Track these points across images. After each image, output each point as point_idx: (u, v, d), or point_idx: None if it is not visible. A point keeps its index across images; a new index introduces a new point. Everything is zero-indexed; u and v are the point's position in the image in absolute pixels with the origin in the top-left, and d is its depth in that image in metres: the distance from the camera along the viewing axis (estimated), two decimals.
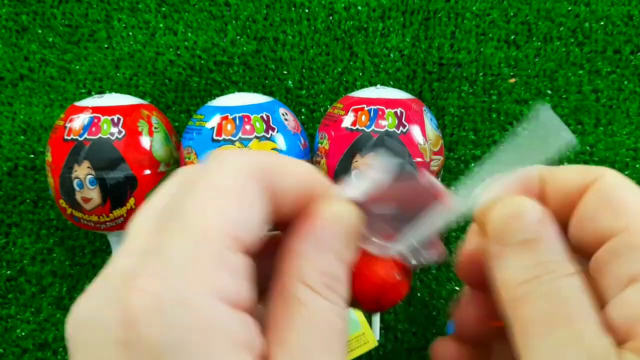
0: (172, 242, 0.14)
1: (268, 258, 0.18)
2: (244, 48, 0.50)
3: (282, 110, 0.43)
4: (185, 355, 0.13)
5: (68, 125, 0.41)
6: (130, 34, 0.51)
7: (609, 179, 0.18)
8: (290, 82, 0.50)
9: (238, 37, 0.50)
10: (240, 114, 0.40)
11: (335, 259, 0.17)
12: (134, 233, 0.16)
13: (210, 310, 0.14)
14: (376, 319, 0.45)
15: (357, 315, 0.44)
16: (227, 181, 0.15)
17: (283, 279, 0.16)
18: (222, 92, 0.50)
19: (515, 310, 0.16)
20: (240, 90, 0.50)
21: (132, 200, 0.41)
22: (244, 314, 0.14)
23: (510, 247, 0.17)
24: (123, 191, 0.41)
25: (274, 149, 0.40)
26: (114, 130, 0.40)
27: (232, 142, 0.40)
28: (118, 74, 0.51)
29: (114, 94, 0.44)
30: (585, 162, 0.48)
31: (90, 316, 0.14)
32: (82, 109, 0.42)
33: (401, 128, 0.40)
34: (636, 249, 0.16)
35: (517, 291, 0.16)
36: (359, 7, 0.50)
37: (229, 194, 0.15)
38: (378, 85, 0.45)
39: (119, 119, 0.41)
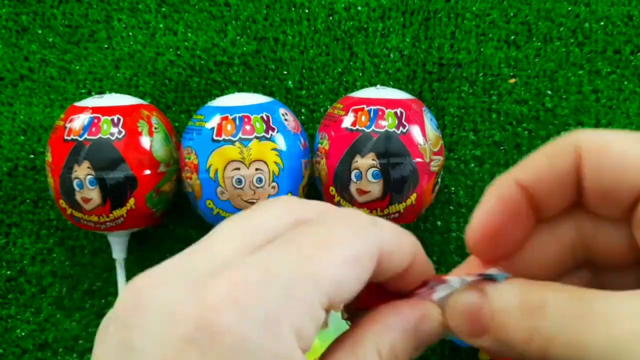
0: (280, 267, 0.14)
1: None
2: (244, 48, 0.50)
3: (282, 110, 0.43)
4: None
5: (68, 125, 0.41)
6: (130, 34, 0.51)
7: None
8: (290, 82, 0.50)
9: (238, 38, 0.51)
10: (240, 114, 0.41)
11: (407, 348, 0.18)
12: (221, 240, 0.16)
13: (290, 348, 0.13)
14: None
15: None
16: (353, 245, 0.15)
17: (360, 333, 0.17)
18: (222, 92, 0.50)
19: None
20: (240, 90, 0.50)
21: (132, 201, 0.41)
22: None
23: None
24: (123, 191, 0.41)
25: (273, 149, 0.40)
26: (114, 130, 0.40)
27: (232, 143, 0.40)
28: (118, 74, 0.51)
29: (114, 94, 0.44)
30: None
31: (155, 299, 0.13)
32: (82, 109, 0.42)
33: (401, 128, 0.40)
34: None
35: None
36: (359, 7, 0.50)
37: (349, 256, 0.15)
38: (378, 86, 0.45)
39: (119, 119, 0.41)
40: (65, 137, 0.41)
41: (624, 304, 0.15)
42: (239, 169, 0.40)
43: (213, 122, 0.41)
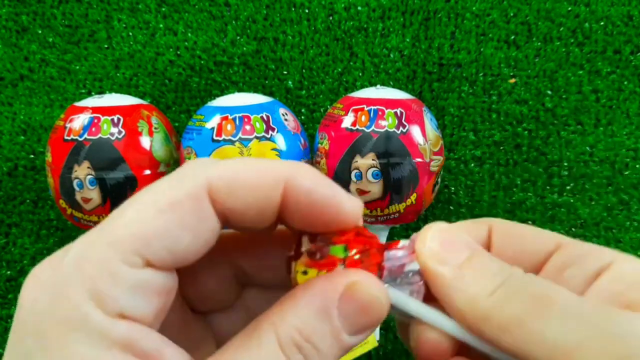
0: (80, 243, 0.15)
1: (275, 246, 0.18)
2: (244, 48, 0.50)
3: (282, 110, 0.43)
4: (44, 341, 0.14)
5: (68, 125, 0.41)
6: (130, 34, 0.51)
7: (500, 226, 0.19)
8: (290, 82, 0.50)
9: (238, 38, 0.51)
10: (240, 114, 0.40)
11: (328, 332, 0.15)
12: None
13: (80, 309, 0.14)
14: None
15: None
16: (166, 199, 0.15)
17: (263, 315, 0.16)
18: (222, 92, 0.50)
19: (492, 320, 0.16)
20: (240, 90, 0.50)
21: None
22: (131, 323, 0.14)
23: (459, 269, 0.17)
24: (123, 191, 0.41)
25: (273, 149, 0.40)
26: (114, 130, 0.40)
27: (232, 143, 0.40)
28: (118, 74, 0.51)
29: (114, 94, 0.44)
30: (585, 163, 0.48)
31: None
32: (82, 109, 0.42)
33: (401, 128, 0.40)
34: (586, 254, 0.17)
35: (487, 302, 0.16)
36: (359, 7, 0.50)
37: (160, 207, 0.15)
38: (378, 86, 0.45)
39: (119, 119, 0.41)
40: (65, 137, 0.41)
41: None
42: None
43: (213, 122, 0.41)
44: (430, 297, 0.18)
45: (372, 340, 0.44)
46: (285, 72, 0.50)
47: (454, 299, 0.17)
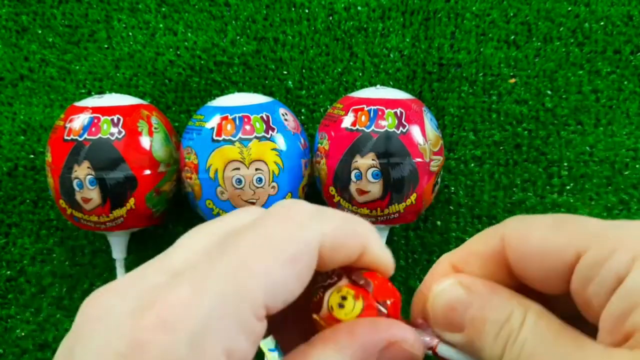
0: (209, 284, 0.14)
1: None
2: (244, 48, 0.50)
3: (282, 110, 0.43)
4: None
5: (68, 125, 0.41)
6: (130, 34, 0.51)
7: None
8: (290, 82, 0.50)
9: (238, 38, 0.51)
10: (240, 114, 0.40)
11: None
12: (180, 250, 0.16)
13: None
14: None
15: None
16: (288, 248, 0.15)
17: (307, 348, 0.16)
18: (222, 92, 0.50)
19: None
20: (240, 90, 0.50)
21: (132, 201, 0.41)
22: None
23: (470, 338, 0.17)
24: (123, 191, 0.41)
25: (273, 149, 0.40)
26: (114, 130, 0.40)
27: (232, 143, 0.40)
28: (118, 74, 0.51)
29: (114, 94, 0.44)
30: (585, 162, 0.48)
31: (104, 314, 0.14)
32: (82, 109, 0.42)
33: (401, 128, 0.40)
34: (604, 261, 0.16)
35: None
36: (359, 7, 0.50)
37: (283, 261, 0.15)
38: (378, 86, 0.45)
39: (118, 119, 0.41)
40: (65, 137, 0.41)
41: (614, 357, 0.15)
42: (238, 169, 0.40)
43: (213, 122, 0.41)
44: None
45: None
46: (285, 72, 0.50)
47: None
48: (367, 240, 0.17)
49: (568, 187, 0.48)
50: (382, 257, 0.18)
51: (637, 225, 0.16)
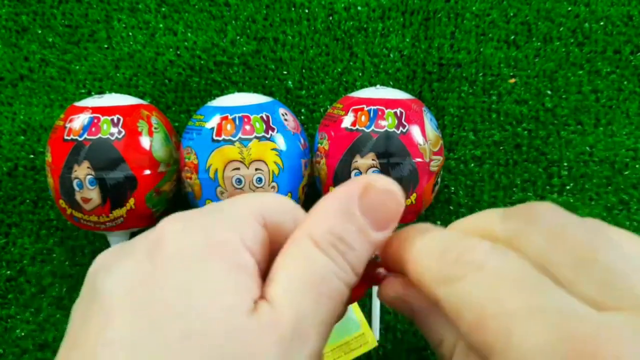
0: (215, 210, 0.18)
1: None
2: (244, 48, 0.50)
3: (281, 110, 0.43)
4: (191, 258, 0.16)
5: (68, 125, 0.41)
6: (130, 34, 0.51)
7: None
8: (290, 82, 0.50)
9: (238, 37, 0.50)
10: (240, 114, 0.40)
11: (356, 230, 0.17)
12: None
13: (225, 237, 0.17)
14: (376, 319, 0.45)
15: (357, 315, 0.44)
16: (260, 200, 0.19)
17: (295, 231, 0.18)
18: (222, 92, 0.50)
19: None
20: (240, 90, 0.50)
21: (132, 201, 0.41)
22: (254, 258, 0.17)
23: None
24: (123, 191, 0.41)
25: (273, 149, 0.40)
26: (114, 130, 0.40)
27: (232, 142, 0.40)
28: (118, 74, 0.51)
29: (113, 94, 0.44)
30: (585, 162, 0.48)
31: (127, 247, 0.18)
32: (82, 109, 0.42)
33: (401, 128, 0.40)
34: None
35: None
36: (359, 7, 0.50)
37: (270, 197, 0.19)
38: (378, 86, 0.45)
39: (118, 119, 0.41)
40: (65, 137, 0.41)
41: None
42: (238, 168, 0.40)
43: (213, 122, 0.41)
44: None
45: (372, 340, 0.44)
46: (285, 72, 0.50)
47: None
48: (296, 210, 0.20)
49: (568, 187, 0.48)
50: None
51: None
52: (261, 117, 0.41)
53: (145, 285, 0.16)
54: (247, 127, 0.40)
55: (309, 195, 0.46)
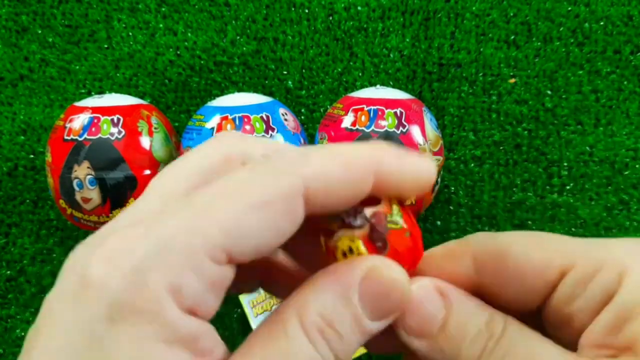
0: (164, 223, 0.14)
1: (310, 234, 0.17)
2: (244, 48, 0.50)
3: (282, 110, 0.43)
4: (116, 328, 0.13)
5: (68, 125, 0.41)
6: (130, 34, 0.51)
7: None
8: (290, 82, 0.50)
9: (238, 37, 0.51)
10: (240, 114, 0.40)
11: (350, 318, 0.15)
12: (150, 194, 0.16)
13: (157, 302, 0.13)
14: None
15: None
16: (261, 192, 0.14)
17: (284, 303, 0.16)
18: (222, 92, 0.50)
19: None
20: (240, 90, 0.50)
21: (132, 201, 0.41)
22: (198, 320, 0.14)
23: (435, 341, 0.17)
24: (123, 191, 0.41)
25: None
26: (114, 130, 0.40)
27: None
28: (118, 74, 0.51)
29: (113, 94, 0.44)
30: (585, 162, 0.48)
31: (72, 264, 0.15)
32: (82, 109, 0.42)
33: (401, 128, 0.40)
34: (592, 275, 0.15)
35: None
36: (359, 8, 0.50)
37: (253, 205, 0.14)
38: (378, 86, 0.45)
39: (118, 119, 0.41)
40: (65, 137, 0.41)
41: None
42: None
43: (213, 122, 0.41)
44: None
45: None
46: (285, 72, 0.50)
47: None
48: (374, 166, 0.16)
49: (568, 187, 0.48)
50: (406, 176, 0.16)
51: (620, 242, 0.16)
52: (261, 117, 0.41)
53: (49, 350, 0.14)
54: (247, 127, 0.40)
55: None
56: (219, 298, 0.15)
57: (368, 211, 0.16)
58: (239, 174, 0.15)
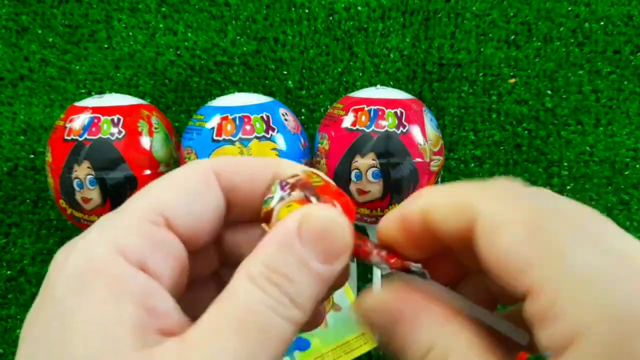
0: (103, 218, 0.17)
1: None
2: (244, 48, 0.50)
3: (282, 110, 0.43)
4: (69, 288, 0.15)
5: (68, 125, 0.41)
6: (130, 34, 0.51)
7: (485, 223, 0.17)
8: (290, 82, 0.50)
9: (238, 37, 0.51)
10: (240, 114, 0.40)
11: (295, 261, 0.16)
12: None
13: (104, 259, 0.15)
14: None
15: None
16: (180, 175, 0.18)
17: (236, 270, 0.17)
18: (222, 92, 0.50)
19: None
20: (240, 90, 0.50)
21: None
22: (148, 277, 0.16)
23: None
24: (123, 191, 0.41)
25: (273, 149, 0.40)
26: (114, 130, 0.40)
27: (232, 142, 0.40)
28: (118, 74, 0.51)
29: (114, 94, 0.44)
30: (585, 162, 0.48)
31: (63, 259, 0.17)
32: (82, 109, 0.42)
33: (401, 128, 0.40)
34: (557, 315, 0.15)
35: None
36: (359, 7, 0.50)
37: (176, 184, 0.18)
38: (378, 86, 0.45)
39: (119, 119, 0.41)
40: (65, 137, 0.41)
41: None
42: None
43: (213, 122, 0.41)
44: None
45: (372, 340, 0.44)
46: (285, 72, 0.50)
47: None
48: (275, 165, 0.19)
49: (568, 187, 0.48)
50: (294, 169, 0.19)
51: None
52: (261, 117, 0.41)
53: (31, 329, 0.15)
54: (248, 127, 0.40)
55: None
56: (170, 264, 0.17)
57: (291, 180, 0.18)
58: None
